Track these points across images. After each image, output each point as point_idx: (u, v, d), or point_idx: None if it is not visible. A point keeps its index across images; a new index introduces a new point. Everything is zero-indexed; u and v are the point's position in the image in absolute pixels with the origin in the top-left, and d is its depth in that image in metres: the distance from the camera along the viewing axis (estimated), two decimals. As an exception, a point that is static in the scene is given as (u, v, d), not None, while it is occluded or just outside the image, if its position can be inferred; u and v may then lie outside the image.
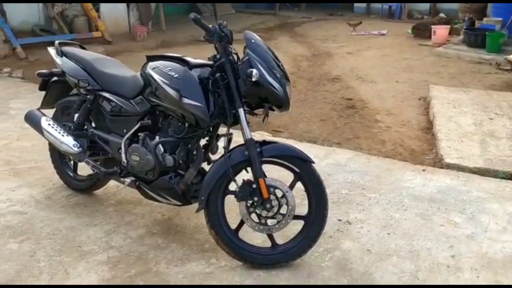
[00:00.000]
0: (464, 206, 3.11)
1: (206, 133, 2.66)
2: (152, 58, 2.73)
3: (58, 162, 3.35)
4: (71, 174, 3.33)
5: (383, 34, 10.63)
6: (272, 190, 2.44)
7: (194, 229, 2.86)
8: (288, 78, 2.52)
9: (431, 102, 5.26)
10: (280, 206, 2.45)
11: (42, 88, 3.27)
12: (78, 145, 2.92)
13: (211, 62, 2.59)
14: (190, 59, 2.60)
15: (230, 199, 2.54)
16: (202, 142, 2.70)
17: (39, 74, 3.20)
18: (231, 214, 2.61)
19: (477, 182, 3.47)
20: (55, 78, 3.20)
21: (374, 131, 4.70)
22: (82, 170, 3.33)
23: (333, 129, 4.82)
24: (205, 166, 2.71)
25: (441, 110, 4.93)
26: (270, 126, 4.68)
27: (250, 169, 2.50)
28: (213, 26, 2.46)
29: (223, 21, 2.52)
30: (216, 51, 2.57)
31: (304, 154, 2.50)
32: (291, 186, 2.50)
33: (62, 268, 2.48)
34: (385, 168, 3.73)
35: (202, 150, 2.68)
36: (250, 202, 2.45)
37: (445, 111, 4.89)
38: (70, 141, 2.92)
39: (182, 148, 2.61)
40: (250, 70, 2.34)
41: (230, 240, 2.47)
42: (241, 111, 2.46)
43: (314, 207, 2.47)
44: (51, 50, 3.20)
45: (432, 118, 4.88)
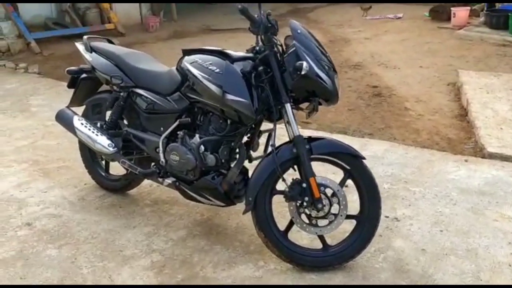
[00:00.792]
0: (515, 199, 2.97)
1: (248, 130, 2.53)
2: (188, 52, 2.61)
3: (89, 162, 3.25)
4: (103, 174, 3.23)
5: (399, 18, 10.37)
6: (322, 189, 2.32)
7: (236, 229, 2.75)
8: (335, 70, 2.38)
9: (463, 87, 5.08)
10: (331, 205, 2.33)
11: (71, 85, 3.15)
12: (113, 144, 2.81)
13: (251, 55, 2.46)
14: (231, 52, 2.46)
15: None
16: (243, 139, 2.57)
17: (69, 72, 3.08)
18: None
19: (524, 172, 3.32)
20: (85, 75, 3.08)
21: (406, 120, 4.55)
22: (114, 170, 3.23)
23: (362, 118, 4.67)
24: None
25: (474, 96, 4.75)
26: (298, 117, 4.54)
27: (296, 167, 2.39)
28: (258, 17, 2.31)
29: (269, 10, 2.37)
30: (259, 42, 2.44)
31: (354, 150, 2.37)
32: (341, 184, 2.37)
33: (106, 274, 2.38)
34: (425, 159, 3.59)
35: (245, 148, 2.56)
36: (300, 202, 2.33)
37: (479, 97, 4.71)
38: (105, 140, 2.81)
39: (225, 146, 2.49)
40: (300, 62, 2.20)
41: (280, 242, 2.36)
42: (288, 106, 2.33)
43: (367, 206, 2.34)
44: (80, 46, 3.08)
45: (465, 105, 4.71)
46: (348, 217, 2.36)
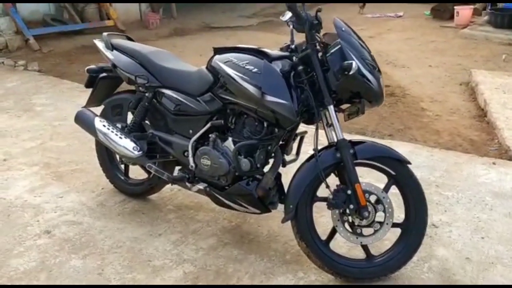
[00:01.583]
0: (552, 203, 2.89)
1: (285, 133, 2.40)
2: (220, 51, 2.47)
3: (108, 166, 3.10)
4: (122, 178, 3.08)
5: (400, 16, 10.31)
6: (367, 196, 2.20)
7: (268, 237, 2.63)
8: (380, 70, 2.26)
9: (478, 87, 5.00)
10: (375, 213, 2.21)
11: (89, 85, 2.99)
12: (138, 147, 2.66)
13: (287, 53, 2.34)
14: (268, 51, 2.33)
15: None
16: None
17: (89, 70, 2.92)
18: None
19: (555, 175, 3.24)
20: (104, 74, 2.93)
21: (424, 121, 4.45)
22: (133, 174, 3.08)
23: (379, 119, 4.57)
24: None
25: (492, 96, 4.67)
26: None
27: (337, 172, 2.27)
28: (304, 13, 2.18)
29: (320, 8, 2.24)
30: (294, 40, 2.34)
31: (400, 154, 2.26)
32: (385, 190, 2.26)
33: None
34: (452, 162, 3.49)
35: (280, 152, 2.43)
36: (343, 210, 2.21)
37: (497, 98, 4.63)
38: (129, 144, 2.66)
39: (262, 150, 2.36)
40: (348, 62, 2.08)
41: (322, 252, 2.24)
42: (331, 109, 2.21)
43: (413, 213, 2.23)
44: (99, 43, 2.93)
45: (483, 105, 4.63)
46: (392, 225, 2.24)
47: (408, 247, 2.23)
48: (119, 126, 2.82)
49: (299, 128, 2.42)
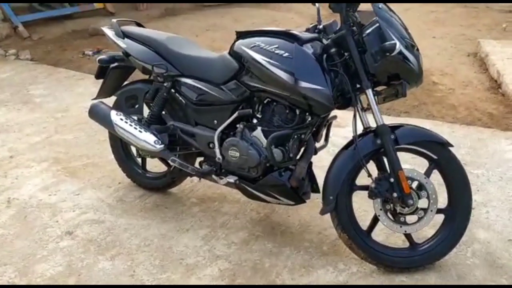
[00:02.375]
0: None
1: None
2: (243, 35, 2.32)
3: (123, 159, 2.96)
4: (140, 171, 2.95)
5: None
6: (409, 182, 2.10)
7: (300, 228, 2.53)
8: (418, 49, 2.14)
9: (489, 58, 4.89)
10: (418, 199, 2.12)
11: (100, 76, 2.82)
12: (160, 141, 2.52)
13: (316, 35, 2.20)
14: (297, 33, 2.19)
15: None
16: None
17: (100, 61, 2.75)
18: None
19: None
20: (115, 64, 2.76)
21: (438, 95, 4.35)
22: (150, 166, 2.96)
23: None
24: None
25: (505, 67, 4.57)
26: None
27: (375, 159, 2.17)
28: None
29: None
30: (321, 20, 2.23)
31: (441, 137, 2.16)
32: (427, 175, 2.16)
33: (174, 288, 2.15)
34: (475, 138, 3.41)
35: (313, 140, 2.31)
36: (385, 198, 2.11)
37: (510, 69, 4.53)
38: (150, 137, 2.52)
39: (295, 139, 2.24)
40: (392, 43, 1.96)
41: (365, 243, 2.15)
42: (369, 92, 2.09)
43: (457, 198, 2.14)
44: (108, 31, 2.75)
45: (496, 77, 4.54)
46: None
47: (453, 234, 2.15)
48: (136, 119, 2.68)
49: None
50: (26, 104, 4.56)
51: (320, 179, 2.23)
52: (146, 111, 2.70)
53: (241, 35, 2.33)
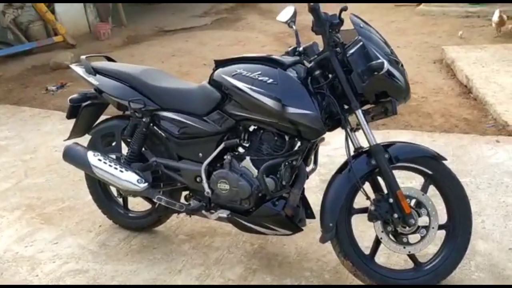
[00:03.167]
0: None
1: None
2: (222, 63, 2.24)
3: (103, 200, 2.80)
4: (122, 211, 2.79)
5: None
6: (408, 201, 2.04)
7: (297, 256, 2.44)
8: (402, 64, 2.11)
9: (455, 64, 4.98)
10: (419, 217, 2.06)
11: (71, 115, 2.67)
12: (143, 179, 2.39)
13: (298, 58, 2.15)
14: (278, 57, 2.13)
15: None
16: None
17: (72, 100, 2.61)
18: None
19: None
20: (88, 102, 2.63)
21: (412, 104, 4.36)
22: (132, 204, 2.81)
23: (366, 108, 4.45)
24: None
25: (472, 71, 4.66)
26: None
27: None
28: (325, 14, 1.99)
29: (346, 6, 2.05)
30: (300, 42, 2.18)
31: (434, 151, 2.12)
32: (424, 191, 2.11)
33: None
34: (456, 145, 3.42)
35: (304, 165, 2.24)
36: (386, 220, 2.05)
37: (477, 72, 4.62)
38: (132, 176, 2.39)
39: (287, 166, 2.16)
40: (379, 62, 1.91)
41: (369, 268, 2.08)
42: (359, 113, 2.04)
43: (457, 212, 2.10)
44: (77, 69, 2.62)
45: (465, 82, 4.61)
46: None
47: (457, 249, 2.10)
48: (114, 158, 2.54)
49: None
50: (-10, 148, 4.32)
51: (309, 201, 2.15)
52: (124, 149, 2.57)
53: (220, 64, 2.25)
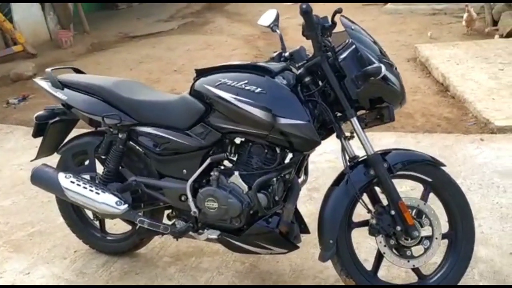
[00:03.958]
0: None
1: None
2: (203, 72, 2.07)
3: (77, 223, 2.58)
4: (99, 235, 2.58)
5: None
6: (410, 211, 1.93)
7: (292, 274, 2.30)
8: (396, 67, 2.00)
9: (430, 62, 4.97)
10: (421, 228, 1.96)
11: (38, 133, 2.44)
12: (123, 201, 2.20)
13: (284, 64, 2.01)
14: (265, 64, 1.98)
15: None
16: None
17: (38, 118, 2.38)
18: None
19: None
20: (57, 118, 2.41)
21: (391, 105, 4.31)
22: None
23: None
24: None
25: (447, 69, 4.65)
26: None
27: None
28: (316, 17, 1.86)
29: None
30: (285, 47, 2.11)
31: (431, 157, 2.02)
32: (424, 200, 2.01)
33: None
34: (441, 145, 3.36)
35: (297, 178, 2.10)
36: (388, 233, 1.93)
37: (453, 70, 4.61)
38: (110, 198, 2.19)
39: (279, 180, 2.01)
40: (376, 66, 1.79)
41: (373, 285, 1.95)
42: (355, 121, 1.91)
43: (459, 220, 2.00)
44: (43, 83, 2.39)
45: (441, 80, 4.60)
46: (439, 237, 2.00)
47: (461, 259, 2.00)
48: (88, 178, 2.34)
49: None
50: None
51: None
52: (99, 167, 2.37)
53: (201, 73, 2.08)
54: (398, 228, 1.90)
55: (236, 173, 2.03)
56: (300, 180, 2.20)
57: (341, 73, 1.90)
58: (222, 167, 2.11)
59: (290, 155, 2.04)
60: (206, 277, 2.33)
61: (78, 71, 2.54)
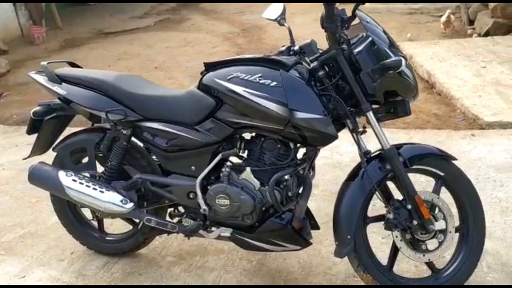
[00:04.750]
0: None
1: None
2: (213, 66, 2.02)
3: (74, 224, 2.48)
4: (97, 235, 2.49)
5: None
6: (425, 205, 1.94)
7: (302, 271, 2.27)
8: (408, 61, 2.00)
9: (414, 60, 5.03)
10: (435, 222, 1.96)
11: (33, 130, 2.33)
12: (128, 199, 2.12)
13: (296, 57, 1.98)
14: (279, 58, 1.94)
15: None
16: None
17: (35, 114, 2.27)
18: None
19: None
20: (53, 115, 2.30)
21: (379, 102, 4.34)
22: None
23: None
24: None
25: (432, 67, 4.73)
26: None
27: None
28: (336, 9, 1.83)
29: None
30: (294, 40, 2.05)
31: (444, 151, 2.03)
32: (436, 193, 2.01)
33: None
34: (434, 141, 3.39)
35: (309, 174, 2.07)
36: (404, 227, 1.93)
37: (437, 67, 4.69)
38: (115, 196, 2.11)
39: (293, 176, 1.98)
40: (396, 59, 1.79)
41: (390, 280, 1.95)
42: (370, 115, 1.90)
43: (471, 214, 2.02)
44: (39, 77, 2.28)
45: (427, 77, 4.67)
46: (451, 230, 2.01)
47: (473, 252, 2.01)
48: (88, 176, 2.25)
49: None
50: None
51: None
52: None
53: (210, 66, 2.03)
54: (415, 222, 1.89)
55: (247, 169, 1.99)
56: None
57: (356, 66, 1.88)
58: (231, 163, 2.07)
59: (302, 150, 2.01)
60: (213, 276, 2.28)
61: (74, 65, 2.43)
